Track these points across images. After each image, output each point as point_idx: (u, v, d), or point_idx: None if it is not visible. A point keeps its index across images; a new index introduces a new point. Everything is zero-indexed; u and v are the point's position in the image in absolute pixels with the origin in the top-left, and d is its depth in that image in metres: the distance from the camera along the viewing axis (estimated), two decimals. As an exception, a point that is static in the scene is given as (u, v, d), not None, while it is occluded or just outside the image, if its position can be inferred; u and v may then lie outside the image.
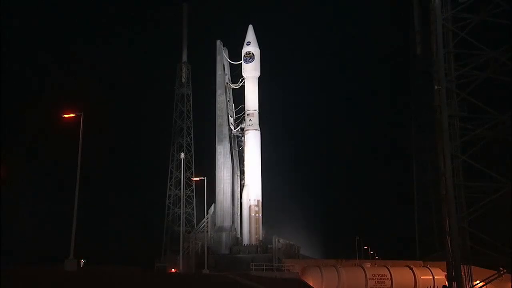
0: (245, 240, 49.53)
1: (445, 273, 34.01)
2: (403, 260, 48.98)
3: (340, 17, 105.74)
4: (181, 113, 63.79)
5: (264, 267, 40.13)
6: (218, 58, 55.23)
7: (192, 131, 63.73)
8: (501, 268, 32.36)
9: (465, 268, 30.30)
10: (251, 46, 53.46)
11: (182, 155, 42.66)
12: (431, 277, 43.68)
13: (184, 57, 65.28)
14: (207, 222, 51.35)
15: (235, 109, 55.43)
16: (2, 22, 61.91)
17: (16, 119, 63.22)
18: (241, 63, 53.82)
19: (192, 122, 63.97)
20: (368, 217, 77.86)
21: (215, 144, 53.15)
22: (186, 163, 56.17)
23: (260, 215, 50.24)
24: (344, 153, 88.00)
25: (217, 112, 54.01)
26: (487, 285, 32.80)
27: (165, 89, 67.13)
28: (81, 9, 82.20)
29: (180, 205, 45.54)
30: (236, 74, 55.15)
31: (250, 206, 49.86)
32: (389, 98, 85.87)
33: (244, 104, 53.57)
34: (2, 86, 56.67)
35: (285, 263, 43.03)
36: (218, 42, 55.82)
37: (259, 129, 52.53)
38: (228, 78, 55.83)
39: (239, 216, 52.15)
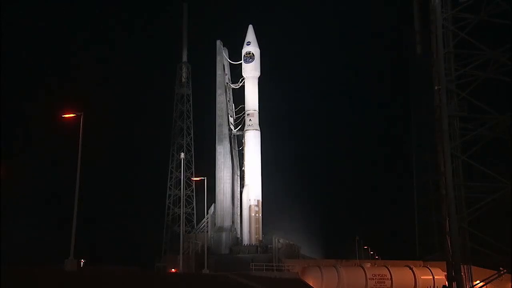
0: (245, 240, 49.56)
1: (445, 273, 33.98)
2: (403, 260, 48.97)
3: (340, 17, 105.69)
4: (181, 113, 63.79)
5: (264, 267, 40.15)
6: (218, 58, 55.29)
7: (192, 131, 63.75)
8: (501, 268, 32.36)
9: (465, 268, 30.31)
10: (251, 46, 53.52)
11: (182, 155, 42.61)
12: (431, 277, 43.69)
13: (184, 57, 65.30)
14: (207, 222, 51.39)
15: (235, 109, 55.50)
16: (3, 21, 61.87)
17: (16, 119, 63.26)
18: (241, 63, 53.90)
19: (192, 122, 64.00)
20: (368, 217, 77.91)
21: (215, 144, 53.19)
22: (186, 163, 56.19)
23: (260, 215, 50.30)
24: (344, 153, 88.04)
25: (217, 112, 54.07)
26: (487, 285, 32.80)
27: (165, 89, 67.18)
28: (81, 9, 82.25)
29: (180, 205, 45.52)
30: (236, 74, 55.28)
31: (250, 206, 49.91)
32: (390, 98, 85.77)
33: (244, 104, 53.64)
34: (2, 85, 56.75)
35: (285, 263, 43.04)
36: (218, 42, 55.89)
37: (259, 129, 52.59)
38: (228, 78, 55.89)
39: (239, 216, 52.19)
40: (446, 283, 32.99)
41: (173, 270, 43.54)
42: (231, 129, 54.25)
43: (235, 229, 51.29)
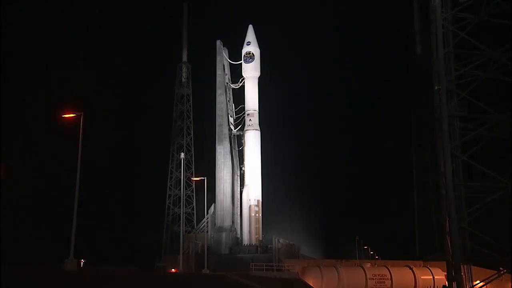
0: (245, 240, 49.54)
1: (445, 273, 34.00)
2: (403, 260, 48.99)
3: (340, 17, 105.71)
4: (181, 113, 63.73)
5: (264, 267, 40.13)
6: (218, 58, 55.26)
7: (192, 131, 63.69)
8: (501, 268, 32.38)
9: (465, 268, 30.32)
10: (251, 46, 53.52)
11: (182, 155, 42.56)
12: (431, 277, 43.70)
13: (184, 57, 65.24)
14: (207, 222, 51.37)
15: (235, 109, 55.47)
16: (3, 21, 61.86)
17: (16, 118, 63.27)
18: (241, 63, 53.89)
19: (192, 122, 63.92)
20: (368, 217, 77.90)
21: (215, 144, 53.17)
22: (186, 163, 56.16)
23: (260, 215, 50.28)
24: (344, 153, 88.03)
25: (217, 112, 54.04)
26: (487, 285, 32.82)
27: (165, 89, 67.16)
28: (81, 9, 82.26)
29: (180, 205, 45.52)
30: (236, 74, 55.25)
31: (250, 206, 49.90)
32: (390, 98, 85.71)
33: (244, 104, 53.63)
34: (2, 85, 56.76)
35: (285, 263, 43.03)
36: (218, 42, 55.86)
37: (259, 129, 52.59)
38: (228, 78, 55.87)
39: (239, 216, 52.16)
40: (446, 283, 33.02)
41: (173, 270, 43.54)
42: (231, 129, 54.22)
43: (235, 229, 51.26)
